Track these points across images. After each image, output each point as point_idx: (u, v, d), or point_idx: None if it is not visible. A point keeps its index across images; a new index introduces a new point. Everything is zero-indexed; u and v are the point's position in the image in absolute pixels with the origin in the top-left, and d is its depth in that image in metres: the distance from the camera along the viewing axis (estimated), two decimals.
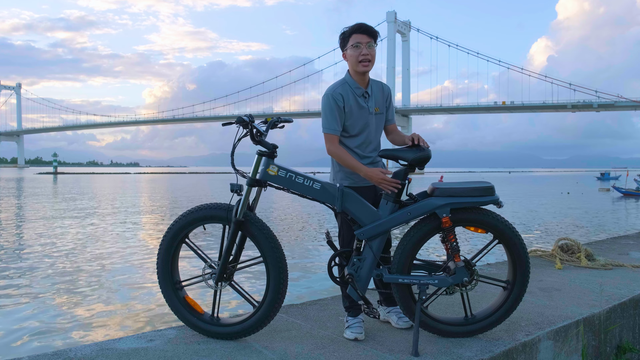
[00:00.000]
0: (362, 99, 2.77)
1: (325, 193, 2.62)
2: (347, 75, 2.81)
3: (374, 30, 2.73)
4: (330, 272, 2.67)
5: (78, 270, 9.78)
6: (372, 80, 2.85)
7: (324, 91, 2.80)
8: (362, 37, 2.70)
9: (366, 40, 2.70)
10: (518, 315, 3.01)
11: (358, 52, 2.70)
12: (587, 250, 4.75)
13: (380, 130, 2.91)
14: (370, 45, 2.71)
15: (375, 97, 2.83)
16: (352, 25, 2.75)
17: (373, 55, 2.73)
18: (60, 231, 15.28)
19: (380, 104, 2.85)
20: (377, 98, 2.84)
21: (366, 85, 2.80)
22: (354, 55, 2.71)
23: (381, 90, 2.87)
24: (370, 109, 2.79)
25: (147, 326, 6.37)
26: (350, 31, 2.73)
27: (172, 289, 2.74)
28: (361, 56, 2.69)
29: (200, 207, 2.68)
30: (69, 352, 2.45)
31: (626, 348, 3.42)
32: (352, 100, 2.75)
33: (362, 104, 2.77)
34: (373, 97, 2.81)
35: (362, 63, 2.70)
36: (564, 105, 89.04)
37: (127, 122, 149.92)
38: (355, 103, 2.75)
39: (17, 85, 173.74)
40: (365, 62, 2.70)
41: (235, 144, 2.63)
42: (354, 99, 2.75)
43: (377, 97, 2.84)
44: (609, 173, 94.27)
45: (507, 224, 2.63)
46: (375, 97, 2.83)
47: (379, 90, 2.86)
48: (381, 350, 2.55)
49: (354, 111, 2.75)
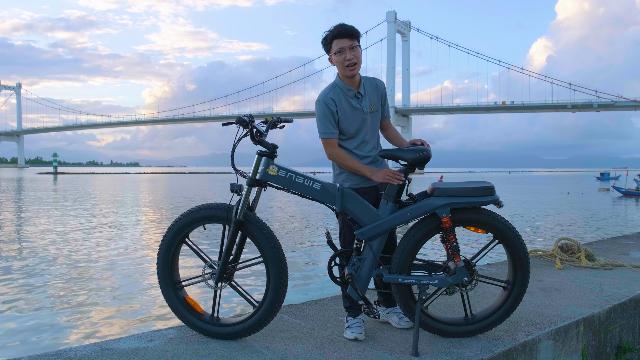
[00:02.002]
0: (354, 100, 2.76)
1: (325, 193, 2.62)
2: (337, 79, 2.79)
3: (353, 30, 2.69)
4: (330, 272, 2.67)
5: (78, 270, 9.78)
6: (364, 78, 2.83)
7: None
8: (344, 42, 2.67)
9: (348, 43, 2.67)
10: (518, 315, 3.01)
11: (342, 57, 2.68)
12: (587, 250, 4.75)
13: (377, 128, 2.90)
14: (353, 47, 2.68)
15: (370, 96, 2.81)
16: (331, 30, 2.70)
17: (358, 56, 2.70)
18: (60, 231, 15.28)
19: (376, 102, 2.84)
20: (372, 96, 2.82)
21: (357, 85, 2.78)
22: (339, 60, 2.69)
23: (375, 88, 2.84)
24: (365, 109, 2.78)
25: (147, 326, 6.37)
26: (331, 36, 2.69)
27: (172, 289, 2.74)
28: (346, 61, 2.68)
29: (200, 207, 2.68)
30: (69, 352, 2.45)
31: (626, 348, 3.42)
32: (344, 102, 2.74)
33: (356, 105, 2.76)
34: (367, 96, 2.80)
35: (348, 67, 2.69)
36: (564, 105, 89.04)
37: (127, 122, 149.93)
38: (348, 105, 2.74)
39: (17, 85, 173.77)
40: (351, 66, 2.69)
41: (235, 144, 2.63)
42: (347, 101, 2.75)
43: (371, 96, 2.82)
44: (609, 173, 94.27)
45: (507, 224, 2.63)
46: (370, 96, 2.81)
47: (372, 88, 2.83)
48: (381, 350, 2.55)
49: (347, 113, 2.75)
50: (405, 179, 2.63)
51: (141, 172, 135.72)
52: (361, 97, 2.78)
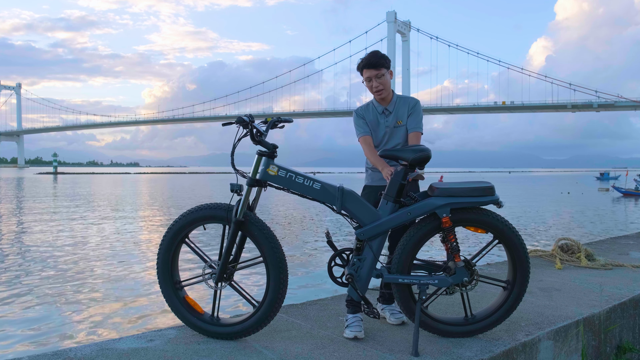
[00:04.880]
0: (382, 115, 3.07)
1: (325, 193, 2.62)
2: (373, 97, 3.13)
3: (380, 61, 2.97)
4: (331, 272, 2.67)
5: (78, 270, 9.78)
6: (400, 97, 3.10)
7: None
8: (371, 72, 2.98)
9: (374, 73, 2.97)
10: (518, 315, 3.02)
11: (370, 85, 3.01)
12: (587, 250, 4.75)
13: (400, 140, 3.05)
14: (379, 75, 2.97)
15: (397, 112, 3.07)
16: (363, 58, 3.04)
17: (384, 82, 3.00)
18: (59, 231, 15.28)
19: (404, 117, 3.08)
20: (400, 113, 3.07)
21: (388, 103, 3.08)
22: (369, 87, 3.04)
23: (407, 106, 3.08)
24: (388, 123, 3.06)
25: (147, 326, 6.37)
26: (362, 66, 3.02)
27: (172, 289, 2.74)
28: (373, 88, 3.01)
29: (200, 207, 2.68)
30: (69, 352, 2.45)
31: (626, 348, 3.42)
32: (372, 116, 3.09)
33: (381, 120, 3.07)
34: (395, 113, 3.06)
35: (376, 93, 3.03)
36: (564, 105, 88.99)
37: (127, 122, 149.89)
38: (375, 119, 3.08)
39: (17, 85, 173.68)
40: (378, 92, 3.01)
41: (235, 144, 2.64)
42: (374, 115, 3.08)
43: (399, 112, 3.07)
44: (608, 173, 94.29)
45: (507, 224, 2.63)
46: (397, 112, 3.07)
47: (404, 105, 3.08)
48: (381, 350, 2.55)
49: (373, 126, 3.09)
50: (405, 179, 2.63)
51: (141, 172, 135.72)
52: (389, 114, 3.06)
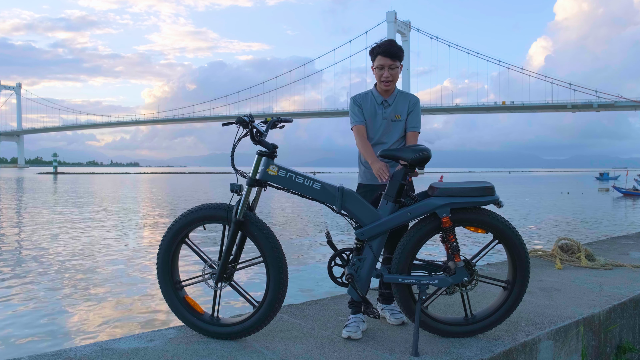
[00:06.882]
0: (380, 107, 2.99)
1: (325, 193, 2.62)
2: (373, 86, 3.05)
3: (397, 52, 2.90)
4: (331, 273, 2.67)
5: (78, 270, 9.78)
6: (400, 92, 3.04)
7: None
8: (386, 60, 2.90)
9: (389, 62, 2.89)
10: (518, 315, 3.01)
11: (381, 73, 2.92)
12: (587, 250, 4.75)
13: (400, 135, 3.02)
14: (393, 67, 2.91)
15: (397, 106, 3.00)
16: (380, 44, 2.94)
17: (395, 75, 2.93)
18: (59, 231, 15.28)
19: (402, 113, 3.02)
20: (399, 107, 3.00)
21: (389, 95, 3.00)
22: (378, 74, 2.95)
23: (407, 102, 3.03)
24: (386, 115, 2.98)
25: (147, 326, 6.37)
26: (377, 52, 2.92)
27: (172, 289, 2.74)
28: (383, 77, 2.92)
29: (200, 207, 2.68)
30: (69, 352, 2.45)
31: (626, 348, 3.42)
32: (369, 105, 3.00)
33: (378, 111, 2.99)
34: (394, 106, 2.99)
35: (384, 83, 2.94)
36: (564, 105, 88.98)
37: (126, 122, 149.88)
38: (372, 110, 2.99)
39: (17, 85, 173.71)
40: (387, 82, 2.93)
41: (235, 144, 2.64)
42: (372, 105, 2.99)
43: (398, 106, 3.00)
44: (608, 173, 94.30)
45: (507, 224, 2.63)
46: (397, 106, 3.00)
47: (404, 101, 3.02)
48: (381, 350, 2.55)
49: (370, 115, 3.00)
50: (405, 179, 2.63)
51: (141, 172, 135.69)
52: (387, 106, 2.99)
